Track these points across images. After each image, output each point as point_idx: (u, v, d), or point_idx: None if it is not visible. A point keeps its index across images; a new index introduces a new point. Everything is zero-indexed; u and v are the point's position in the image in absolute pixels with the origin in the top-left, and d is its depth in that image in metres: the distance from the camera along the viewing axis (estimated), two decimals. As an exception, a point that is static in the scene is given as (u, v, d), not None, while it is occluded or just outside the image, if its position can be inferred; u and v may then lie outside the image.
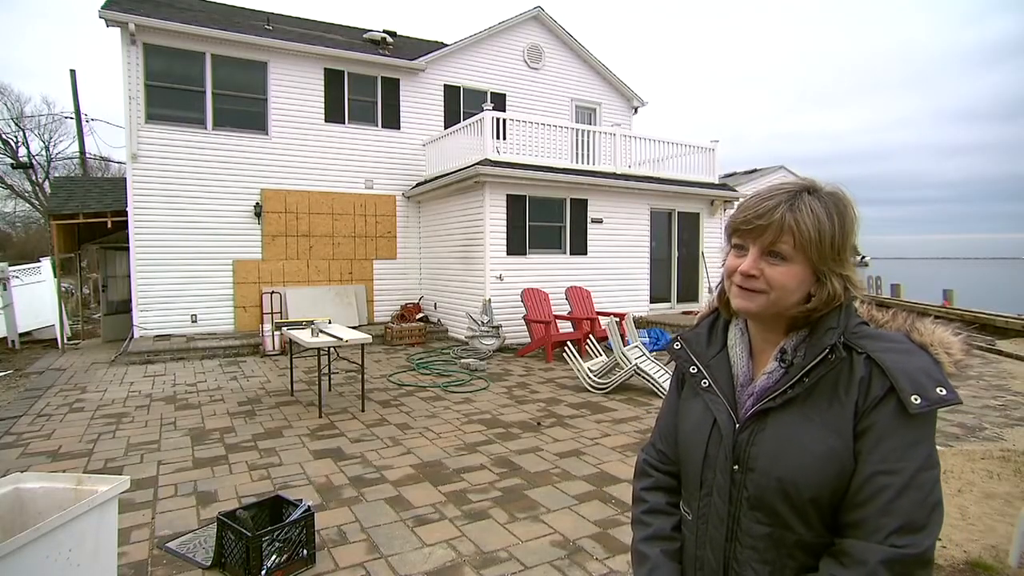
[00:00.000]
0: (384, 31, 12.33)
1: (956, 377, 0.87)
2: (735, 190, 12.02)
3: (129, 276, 9.51)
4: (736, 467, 0.95)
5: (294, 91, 10.43)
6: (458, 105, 11.99)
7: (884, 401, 0.84)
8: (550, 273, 9.71)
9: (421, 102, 11.63)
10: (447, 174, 9.89)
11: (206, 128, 9.79)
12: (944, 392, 0.82)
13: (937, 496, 0.83)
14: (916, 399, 0.82)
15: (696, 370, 1.05)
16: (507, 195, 9.23)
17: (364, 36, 12.23)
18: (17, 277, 10.46)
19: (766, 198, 0.92)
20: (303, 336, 5.57)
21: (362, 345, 5.63)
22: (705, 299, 11.51)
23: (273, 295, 9.84)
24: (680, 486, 1.11)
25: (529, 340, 8.95)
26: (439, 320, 10.76)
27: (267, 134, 10.25)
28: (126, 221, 9.31)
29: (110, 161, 24.49)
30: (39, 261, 11.81)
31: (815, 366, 0.89)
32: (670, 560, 1.07)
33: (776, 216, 0.89)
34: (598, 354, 7.00)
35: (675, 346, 1.12)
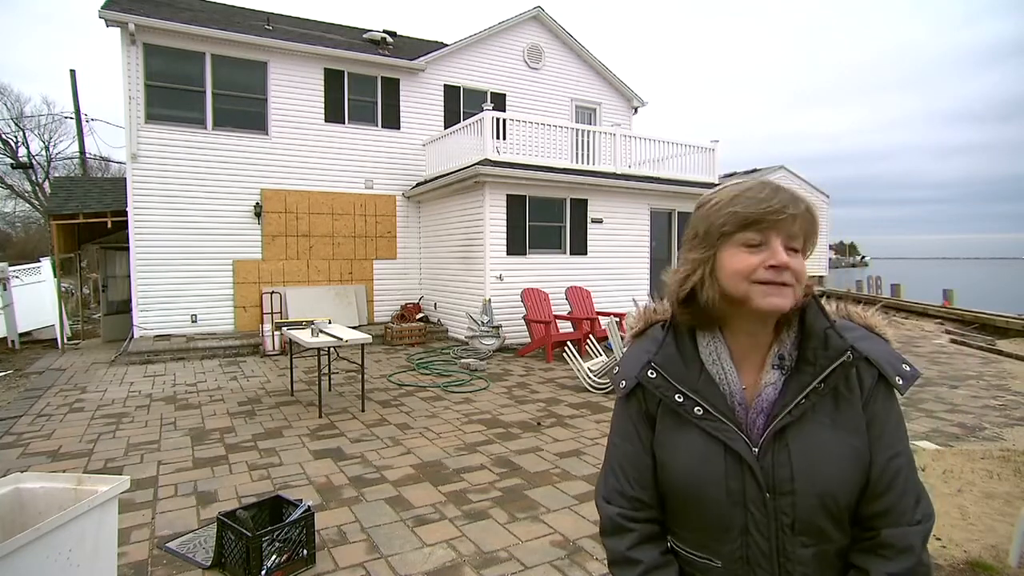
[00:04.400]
0: (384, 31, 12.33)
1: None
2: (735, 190, 12.02)
3: (129, 276, 9.51)
4: (768, 495, 0.87)
5: (294, 91, 10.43)
6: (458, 105, 11.99)
7: (876, 389, 0.88)
8: (550, 273, 9.71)
9: (421, 102, 11.63)
10: (447, 174, 9.89)
11: (206, 128, 9.79)
12: (910, 368, 0.89)
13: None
14: (899, 380, 0.88)
15: (683, 398, 0.92)
16: (507, 195, 9.23)
17: (364, 36, 12.23)
18: (17, 277, 10.46)
19: (776, 188, 0.88)
20: (303, 336, 5.57)
21: (362, 345, 5.62)
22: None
23: (273, 295, 9.84)
24: (660, 531, 0.99)
25: (529, 340, 8.95)
26: (439, 320, 10.75)
27: (267, 134, 10.25)
28: (126, 221, 9.31)
29: (110, 161, 24.50)
30: (39, 261, 11.80)
31: (833, 371, 0.87)
32: None
33: (801, 207, 0.87)
34: (598, 354, 7.00)
35: (649, 375, 0.95)
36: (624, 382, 0.99)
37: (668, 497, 0.96)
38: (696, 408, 0.91)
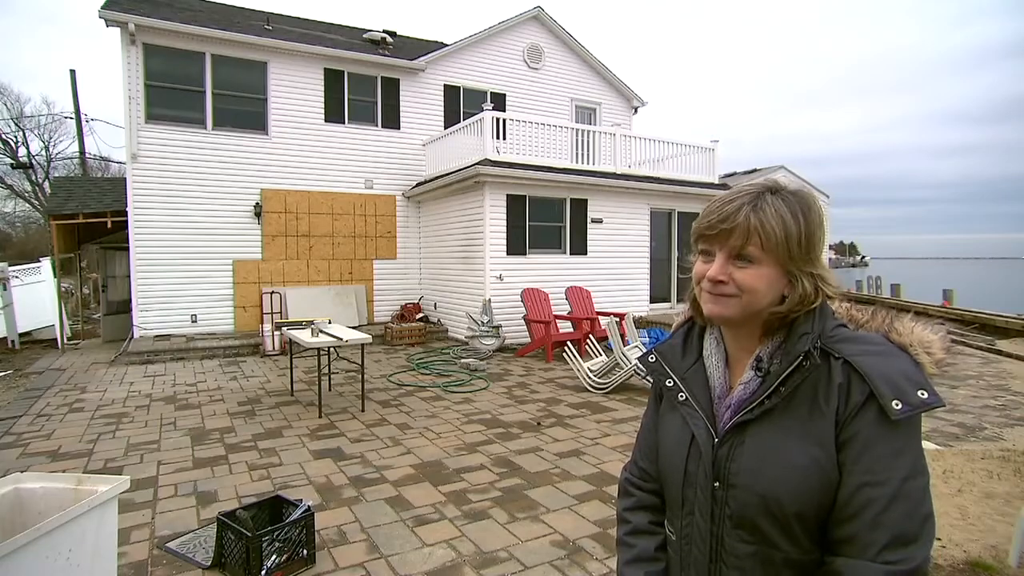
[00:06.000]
0: (384, 31, 12.33)
1: (939, 377, 0.83)
2: (735, 190, 12.04)
3: (129, 276, 9.51)
4: (716, 484, 0.91)
5: (294, 91, 10.43)
6: (458, 105, 11.99)
7: (864, 408, 0.81)
8: (550, 273, 9.71)
9: (421, 102, 11.63)
10: (447, 174, 9.89)
11: (206, 128, 9.79)
12: (926, 396, 0.79)
13: (928, 506, 0.80)
14: (897, 404, 0.79)
15: (672, 383, 1.01)
16: (507, 195, 9.23)
17: (364, 36, 12.23)
18: (17, 277, 10.46)
19: (728, 201, 0.89)
20: (303, 336, 5.57)
21: (362, 345, 5.62)
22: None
23: (273, 295, 9.84)
24: (659, 502, 1.08)
25: (529, 340, 8.95)
26: (439, 320, 10.75)
27: (267, 134, 10.25)
28: (126, 221, 9.32)
29: (110, 161, 24.47)
30: (39, 261, 11.80)
31: (790, 374, 0.85)
32: None
33: (740, 219, 0.86)
34: (598, 354, 6.99)
35: (650, 359, 1.07)
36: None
37: (660, 471, 1.06)
38: (680, 394, 1.00)
